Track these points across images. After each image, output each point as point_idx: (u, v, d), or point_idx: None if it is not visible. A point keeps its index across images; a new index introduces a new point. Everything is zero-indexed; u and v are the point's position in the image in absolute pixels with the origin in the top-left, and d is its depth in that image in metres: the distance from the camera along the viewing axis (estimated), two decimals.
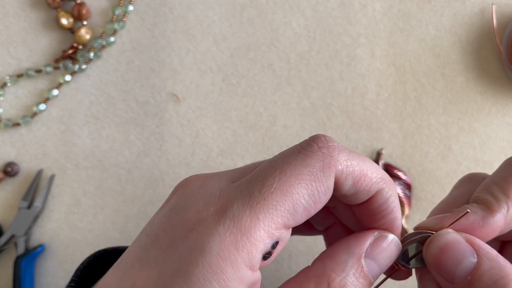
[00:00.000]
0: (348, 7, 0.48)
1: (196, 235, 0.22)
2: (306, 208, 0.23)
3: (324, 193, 0.24)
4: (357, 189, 0.25)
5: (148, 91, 0.48)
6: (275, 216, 0.22)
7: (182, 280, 0.21)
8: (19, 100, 0.47)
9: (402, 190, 0.47)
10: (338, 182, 0.24)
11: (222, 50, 0.48)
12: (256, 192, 0.23)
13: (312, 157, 0.24)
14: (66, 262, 0.46)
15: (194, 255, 0.21)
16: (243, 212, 0.22)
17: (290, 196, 0.23)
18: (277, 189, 0.23)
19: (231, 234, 0.22)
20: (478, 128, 0.48)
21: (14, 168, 0.46)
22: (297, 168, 0.23)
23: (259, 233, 0.22)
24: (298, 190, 0.23)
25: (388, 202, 0.26)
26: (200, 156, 0.47)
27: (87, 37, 0.47)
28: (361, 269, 0.25)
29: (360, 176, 0.25)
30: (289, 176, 0.23)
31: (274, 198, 0.22)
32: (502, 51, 0.47)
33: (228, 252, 0.21)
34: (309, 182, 0.23)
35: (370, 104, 0.48)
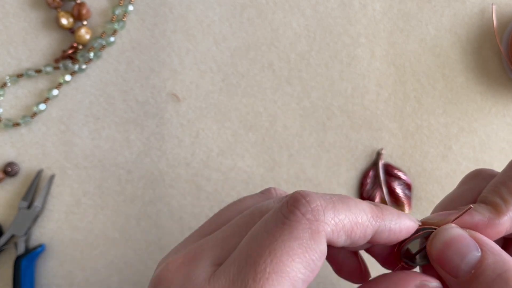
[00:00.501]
0: (348, 7, 0.48)
1: None
2: (304, 280, 0.22)
3: (318, 259, 0.23)
4: (353, 239, 0.24)
5: (148, 91, 0.48)
6: None
7: None
8: (19, 100, 0.47)
9: (402, 190, 0.47)
10: (332, 241, 0.23)
11: (222, 50, 0.48)
12: (250, 282, 0.22)
13: (298, 228, 0.22)
14: (66, 262, 0.46)
15: None
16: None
17: (287, 276, 0.22)
18: (271, 273, 0.22)
19: None
20: (478, 128, 0.48)
21: (14, 168, 0.46)
22: (286, 245, 0.22)
23: None
24: (293, 267, 0.22)
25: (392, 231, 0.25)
26: (200, 156, 0.47)
27: (87, 37, 0.47)
28: None
29: (352, 227, 0.24)
30: (280, 256, 0.22)
31: (271, 284, 0.21)
32: (502, 51, 0.47)
33: None
34: (301, 255, 0.22)
35: (370, 104, 0.48)
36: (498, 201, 0.26)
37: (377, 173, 0.47)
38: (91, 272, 0.46)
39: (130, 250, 0.47)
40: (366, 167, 0.48)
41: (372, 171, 0.47)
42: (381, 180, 0.47)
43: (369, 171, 0.47)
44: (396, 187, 0.47)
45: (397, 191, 0.47)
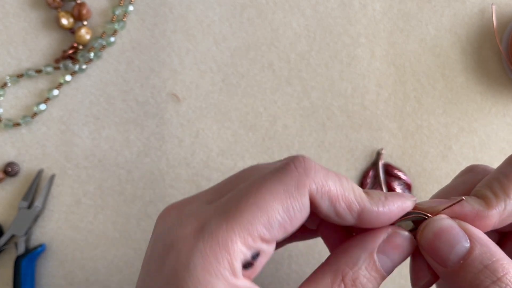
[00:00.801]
0: (348, 7, 0.48)
1: (178, 253, 0.24)
2: (281, 224, 0.24)
3: (299, 210, 0.25)
4: (337, 209, 0.26)
5: (148, 91, 0.48)
6: (251, 229, 0.24)
7: None
8: (20, 100, 0.47)
9: (402, 190, 0.47)
10: (315, 201, 0.25)
11: (222, 50, 0.48)
12: (232, 208, 0.24)
13: (288, 175, 0.25)
14: (66, 262, 0.46)
15: (181, 274, 0.23)
16: (220, 227, 0.24)
17: (266, 212, 0.24)
18: (252, 205, 0.24)
19: (211, 248, 0.23)
20: (478, 128, 0.48)
21: (14, 168, 0.46)
22: (273, 186, 0.24)
23: (236, 245, 0.23)
24: (273, 206, 0.24)
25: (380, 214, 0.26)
26: (200, 156, 0.47)
27: (87, 37, 0.47)
28: (373, 263, 0.26)
29: (337, 196, 0.25)
30: (265, 193, 0.24)
31: (250, 213, 0.24)
32: (502, 51, 0.47)
33: (211, 265, 0.23)
34: (284, 199, 0.24)
35: (370, 104, 0.48)
36: (489, 195, 0.27)
37: (377, 173, 0.47)
38: (91, 272, 0.46)
39: (130, 250, 0.47)
40: (366, 167, 0.48)
41: (372, 171, 0.47)
42: (381, 180, 0.47)
43: (369, 171, 0.47)
44: (396, 187, 0.47)
45: (397, 191, 0.47)
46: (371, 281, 0.26)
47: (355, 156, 0.48)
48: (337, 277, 0.25)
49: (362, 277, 0.25)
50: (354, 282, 0.25)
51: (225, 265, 0.23)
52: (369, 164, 0.48)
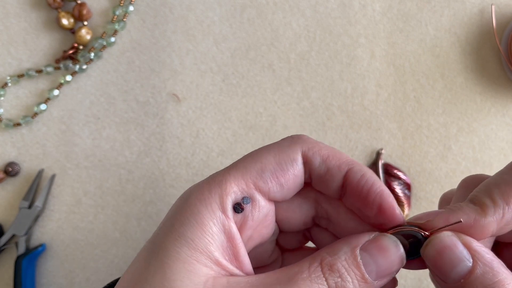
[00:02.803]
0: (348, 7, 0.48)
1: (182, 195, 0.27)
2: (273, 173, 0.27)
3: (290, 163, 0.27)
4: (327, 165, 0.27)
5: (148, 91, 0.48)
6: (245, 173, 0.27)
7: (169, 222, 0.26)
8: (20, 100, 0.48)
9: (402, 190, 0.47)
10: (307, 158, 0.28)
11: (222, 50, 0.48)
12: (235, 161, 0.28)
13: (285, 140, 0.28)
14: (66, 262, 0.46)
15: (178, 206, 0.26)
16: (220, 171, 0.27)
17: (259, 161, 0.27)
18: (249, 157, 0.27)
19: (207, 183, 0.26)
20: (478, 128, 0.48)
21: (15, 168, 0.46)
22: (269, 145, 0.28)
23: (229, 184, 0.26)
24: (267, 157, 0.27)
25: (365, 177, 0.27)
26: (200, 156, 0.47)
27: (87, 37, 0.47)
28: (355, 257, 0.25)
29: (328, 155, 0.28)
30: (262, 149, 0.28)
31: (246, 161, 0.27)
32: (502, 51, 0.47)
33: (203, 195, 0.26)
34: (276, 153, 0.27)
35: (370, 104, 0.48)
36: (487, 202, 0.26)
37: (377, 173, 0.47)
38: (91, 272, 0.47)
39: (130, 249, 0.47)
40: None
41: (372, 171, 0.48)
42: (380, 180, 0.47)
43: None
44: (396, 187, 0.47)
45: (397, 191, 0.47)
46: (351, 275, 0.25)
47: (355, 156, 0.48)
48: (315, 260, 0.25)
49: (340, 266, 0.25)
50: (331, 267, 0.25)
51: (215, 198, 0.26)
52: (369, 164, 0.48)
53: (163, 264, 0.24)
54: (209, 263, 0.25)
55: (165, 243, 0.25)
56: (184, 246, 0.24)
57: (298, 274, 0.25)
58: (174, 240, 0.25)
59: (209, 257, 0.25)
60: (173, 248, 0.24)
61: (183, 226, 0.25)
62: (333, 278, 0.25)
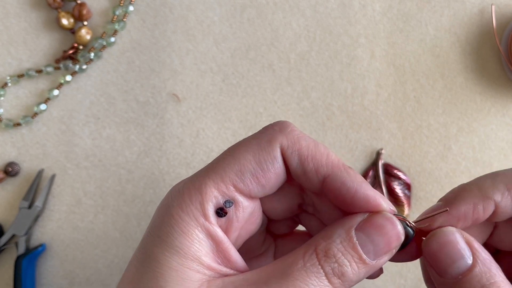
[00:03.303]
0: (348, 7, 0.48)
1: (165, 200, 0.27)
2: (253, 174, 0.26)
3: (270, 162, 0.26)
4: (305, 168, 0.26)
5: (148, 91, 0.48)
6: (224, 176, 0.26)
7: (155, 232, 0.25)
8: (20, 100, 0.48)
9: (402, 190, 0.47)
10: (285, 157, 0.26)
11: (222, 50, 0.48)
12: (214, 160, 0.27)
13: (263, 133, 0.27)
14: (66, 262, 0.46)
15: (161, 214, 0.26)
16: (199, 174, 0.26)
17: (238, 161, 0.26)
18: (228, 155, 0.26)
19: (187, 189, 0.26)
20: (478, 128, 0.48)
21: (14, 168, 0.46)
22: (248, 141, 0.27)
23: (209, 189, 0.25)
24: (245, 156, 0.26)
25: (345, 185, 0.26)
26: (200, 156, 0.47)
27: (87, 37, 0.47)
28: (350, 239, 0.25)
29: (307, 155, 0.26)
30: (240, 147, 0.27)
31: (225, 162, 0.26)
32: (502, 51, 0.47)
33: (184, 203, 0.25)
34: (255, 151, 0.26)
35: (370, 104, 0.48)
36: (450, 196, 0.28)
37: (377, 173, 0.47)
38: (91, 272, 0.47)
39: (130, 249, 0.47)
40: (365, 167, 0.48)
41: (372, 171, 0.48)
42: (380, 180, 0.47)
43: (368, 171, 0.48)
44: (396, 187, 0.47)
45: (397, 191, 0.47)
46: (348, 258, 0.24)
47: (355, 156, 0.48)
48: (310, 247, 0.25)
49: (336, 250, 0.24)
50: (326, 252, 0.24)
51: (196, 205, 0.25)
52: (369, 164, 0.48)
53: (156, 274, 0.24)
54: (201, 269, 0.25)
55: (154, 253, 0.25)
56: (174, 255, 0.24)
57: (293, 265, 0.24)
58: (163, 250, 0.25)
59: (200, 263, 0.25)
60: (163, 258, 0.24)
61: (169, 236, 0.25)
62: (329, 264, 0.24)
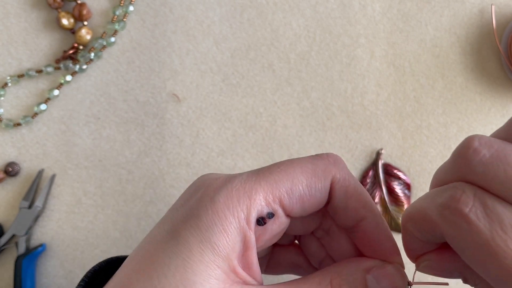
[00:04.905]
0: (348, 7, 0.48)
1: (206, 189, 0.26)
2: (301, 195, 0.27)
3: (319, 190, 0.27)
4: (348, 205, 0.27)
5: (148, 91, 0.48)
6: (274, 188, 0.26)
7: (193, 221, 0.25)
8: (20, 100, 0.48)
9: (402, 190, 0.47)
10: (333, 190, 0.27)
11: (222, 51, 0.48)
12: (265, 169, 0.27)
13: (319, 160, 0.28)
14: (67, 262, 0.46)
15: (204, 203, 0.26)
16: (249, 178, 0.26)
17: (291, 179, 0.26)
18: (282, 171, 0.27)
19: (236, 191, 0.26)
20: (478, 128, 0.48)
21: (15, 168, 0.46)
22: (304, 163, 0.27)
23: (258, 196, 0.26)
24: (299, 177, 0.26)
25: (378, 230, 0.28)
26: (200, 156, 0.48)
27: (87, 37, 0.47)
28: (363, 282, 0.27)
29: (353, 193, 0.28)
30: (296, 166, 0.27)
31: (277, 175, 0.26)
32: (502, 52, 0.47)
33: (232, 203, 0.25)
34: (310, 175, 0.27)
35: (370, 104, 0.48)
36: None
37: (377, 173, 0.47)
38: None
39: (131, 249, 0.47)
40: (365, 167, 0.48)
41: (372, 171, 0.48)
42: (380, 180, 0.47)
43: (368, 171, 0.48)
44: (396, 187, 0.47)
45: (397, 191, 0.47)
46: None
47: (354, 156, 0.48)
48: (325, 279, 0.26)
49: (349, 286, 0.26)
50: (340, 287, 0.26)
51: (243, 208, 0.25)
52: (369, 164, 0.48)
53: (185, 263, 0.24)
54: (228, 270, 0.25)
55: (189, 242, 0.25)
56: (208, 250, 0.24)
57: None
58: (199, 243, 0.25)
59: (229, 264, 0.25)
60: (197, 250, 0.24)
61: (209, 231, 0.25)
62: None
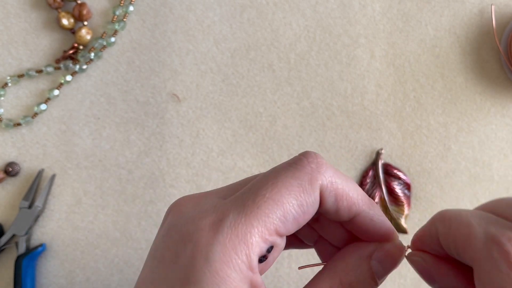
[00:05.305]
0: (348, 7, 0.48)
1: (196, 244, 0.24)
2: (295, 218, 0.25)
3: (311, 204, 0.25)
4: (339, 207, 0.27)
5: (148, 91, 0.48)
6: (268, 223, 0.24)
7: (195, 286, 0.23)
8: (20, 100, 0.48)
9: (402, 190, 0.47)
10: (322, 197, 0.26)
11: (222, 51, 0.48)
12: (250, 202, 0.24)
13: (302, 171, 0.25)
14: (67, 262, 0.46)
15: (199, 265, 0.23)
16: (239, 220, 0.24)
17: (281, 205, 0.24)
18: (269, 199, 0.24)
19: (230, 241, 0.23)
20: (477, 128, 0.48)
21: (15, 168, 0.46)
22: (287, 180, 0.25)
23: (254, 239, 0.24)
24: (289, 200, 0.25)
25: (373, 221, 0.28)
26: (200, 156, 0.48)
27: (87, 37, 0.47)
28: (369, 269, 0.27)
29: (343, 194, 0.26)
30: (280, 187, 0.25)
31: (267, 207, 0.24)
32: (501, 51, 0.47)
33: (230, 257, 0.23)
34: (298, 193, 0.25)
35: (370, 104, 0.48)
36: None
37: (377, 173, 0.47)
38: (92, 272, 0.47)
39: (130, 249, 0.47)
40: (365, 167, 0.48)
41: (372, 171, 0.48)
42: (380, 180, 0.47)
43: (368, 171, 0.48)
44: (396, 187, 0.47)
45: (397, 191, 0.47)
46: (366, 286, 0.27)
47: (354, 156, 0.48)
48: (334, 282, 0.26)
49: (358, 282, 0.26)
50: (350, 285, 0.26)
51: (243, 258, 0.24)
52: (369, 164, 0.48)
53: None
54: None
55: None
56: None
57: None
58: None
59: None
60: None
61: None
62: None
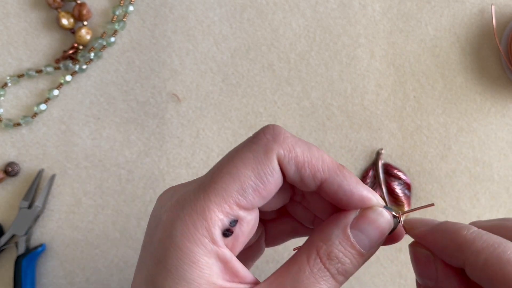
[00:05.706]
0: (348, 7, 0.48)
1: (163, 224, 0.25)
2: (255, 189, 0.26)
3: (270, 174, 0.26)
4: (302, 175, 0.27)
5: (148, 91, 0.48)
6: (226, 196, 0.25)
7: (163, 266, 0.24)
8: (20, 100, 0.48)
9: (402, 190, 0.47)
10: (283, 166, 0.26)
11: (222, 51, 0.48)
12: (208, 179, 0.26)
13: (257, 143, 0.26)
14: (66, 262, 0.46)
15: (165, 243, 0.25)
16: (198, 197, 0.25)
17: (238, 178, 0.25)
18: (225, 173, 0.26)
19: (190, 217, 0.25)
20: (478, 128, 0.48)
21: (14, 168, 0.46)
22: (243, 155, 0.26)
23: (213, 213, 0.25)
24: (245, 173, 0.26)
25: (342, 187, 0.27)
26: (200, 156, 0.48)
27: (87, 37, 0.47)
28: (347, 238, 0.26)
29: (304, 163, 0.26)
30: (236, 162, 0.26)
31: (224, 181, 0.25)
32: (501, 51, 0.47)
33: (190, 232, 0.24)
34: (254, 165, 0.26)
35: (370, 104, 0.48)
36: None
37: (377, 173, 0.47)
38: (91, 272, 0.47)
39: (130, 249, 0.47)
40: (365, 167, 0.48)
41: (372, 171, 0.48)
42: (380, 180, 0.47)
43: (368, 171, 0.48)
44: (396, 187, 0.47)
45: (397, 191, 0.47)
46: (348, 256, 0.26)
47: (354, 156, 0.48)
48: (311, 252, 0.26)
49: (337, 251, 0.26)
50: (329, 255, 0.26)
51: (203, 232, 0.24)
52: (369, 164, 0.48)
53: None
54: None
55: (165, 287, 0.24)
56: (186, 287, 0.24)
57: (300, 273, 0.25)
58: (175, 284, 0.24)
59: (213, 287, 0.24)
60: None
61: (179, 269, 0.24)
62: (333, 265, 0.26)
